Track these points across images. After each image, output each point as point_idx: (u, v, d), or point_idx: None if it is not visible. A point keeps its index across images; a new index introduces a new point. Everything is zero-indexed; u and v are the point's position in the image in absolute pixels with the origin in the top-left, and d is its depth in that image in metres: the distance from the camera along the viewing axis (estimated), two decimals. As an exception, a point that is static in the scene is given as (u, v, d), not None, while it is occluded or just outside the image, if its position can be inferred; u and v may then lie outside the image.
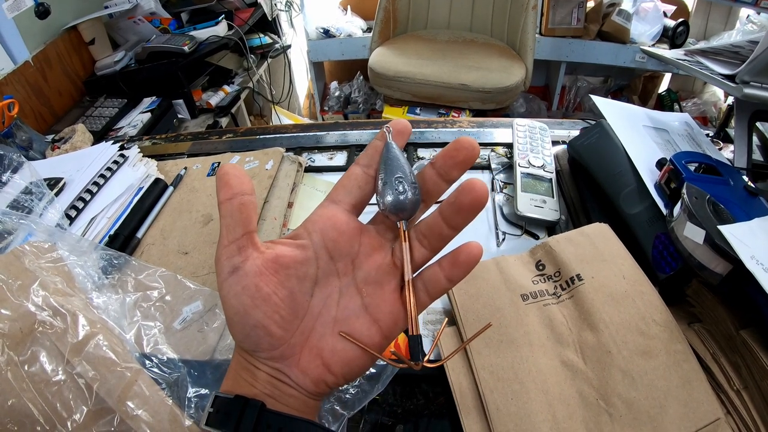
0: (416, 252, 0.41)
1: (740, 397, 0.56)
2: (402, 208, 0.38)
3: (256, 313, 0.36)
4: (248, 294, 0.36)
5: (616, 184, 0.80)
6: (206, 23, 2.16)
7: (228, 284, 0.36)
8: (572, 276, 0.67)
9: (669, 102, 2.95)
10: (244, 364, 0.38)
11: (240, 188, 0.37)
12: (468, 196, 0.37)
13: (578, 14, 2.72)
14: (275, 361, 0.38)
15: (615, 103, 0.93)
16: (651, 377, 0.57)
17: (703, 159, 0.77)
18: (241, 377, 0.38)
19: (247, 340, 0.37)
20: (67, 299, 0.61)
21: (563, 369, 0.60)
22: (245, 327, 0.36)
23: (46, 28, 1.85)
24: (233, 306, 0.36)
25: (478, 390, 0.59)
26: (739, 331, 0.58)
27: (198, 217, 0.87)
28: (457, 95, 2.15)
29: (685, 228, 0.62)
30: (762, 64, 0.73)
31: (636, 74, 3.06)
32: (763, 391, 0.55)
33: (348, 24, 2.98)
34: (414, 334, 0.38)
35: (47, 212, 0.85)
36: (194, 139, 1.12)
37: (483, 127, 1.07)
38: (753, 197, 0.71)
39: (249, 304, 0.36)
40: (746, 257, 0.55)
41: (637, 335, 0.60)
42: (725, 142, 0.98)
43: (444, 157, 0.40)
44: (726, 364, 0.59)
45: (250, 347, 0.38)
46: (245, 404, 0.36)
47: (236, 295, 0.36)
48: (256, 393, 0.37)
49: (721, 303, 0.61)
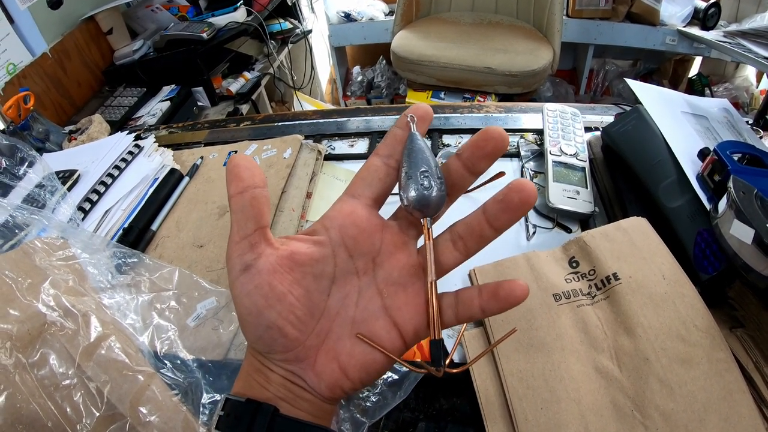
0: (447, 253, 0.38)
1: None
2: (426, 204, 0.36)
3: (270, 313, 0.34)
4: (261, 293, 0.34)
5: (654, 174, 0.75)
6: (225, 9, 2.13)
7: (240, 282, 0.35)
8: (608, 275, 0.63)
9: (700, 86, 2.87)
10: (257, 365, 0.37)
11: (251, 181, 0.35)
12: (518, 195, 0.35)
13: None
14: (289, 363, 0.36)
15: (651, 88, 0.88)
16: (691, 388, 0.53)
17: (748, 149, 0.72)
18: (253, 379, 0.37)
19: (260, 341, 0.36)
20: (79, 299, 0.58)
21: (597, 376, 0.57)
22: (258, 328, 0.35)
23: (63, 19, 1.85)
24: (246, 306, 0.34)
25: (506, 397, 0.56)
26: None
27: (214, 208, 0.84)
28: (482, 79, 2.10)
29: (731, 226, 0.58)
30: None
31: (666, 57, 2.98)
32: None
33: (369, 7, 2.94)
34: (436, 339, 0.36)
35: (60, 207, 0.83)
36: (211, 128, 1.09)
37: (511, 112, 1.02)
38: None
39: (262, 303, 0.34)
40: None
41: (677, 341, 0.56)
42: (765, 131, 0.92)
43: (471, 148, 0.37)
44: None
45: (264, 349, 0.36)
46: (257, 408, 0.35)
47: (248, 294, 0.34)
48: (268, 396, 0.36)
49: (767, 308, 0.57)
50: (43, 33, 1.76)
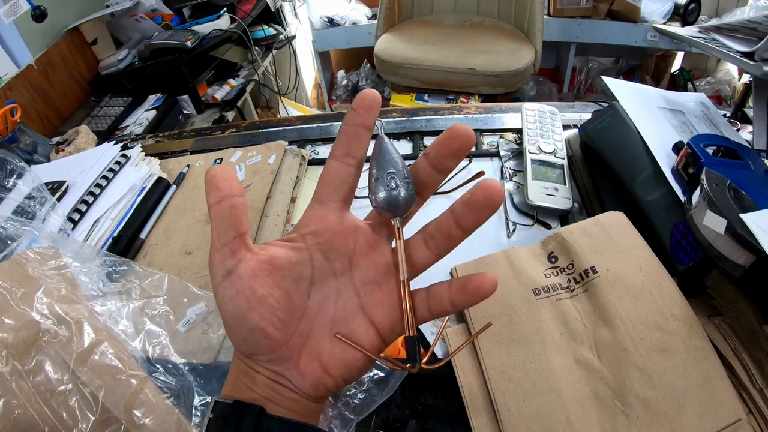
0: (420, 253, 0.39)
1: (763, 395, 0.54)
2: (395, 205, 0.37)
3: (253, 316, 0.35)
4: (243, 297, 0.35)
5: (631, 169, 0.77)
6: (208, 17, 2.14)
7: (222, 288, 0.35)
8: (586, 269, 0.65)
9: (682, 81, 2.90)
10: (243, 368, 0.38)
11: (229, 190, 0.36)
12: (483, 194, 0.36)
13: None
14: (274, 364, 0.37)
15: (628, 84, 0.90)
16: (670, 376, 0.55)
17: (721, 142, 0.74)
18: (240, 382, 0.38)
19: (245, 343, 0.37)
20: (72, 307, 0.60)
21: (577, 367, 0.58)
22: (242, 330, 0.36)
23: (48, 30, 1.85)
24: (229, 310, 0.35)
25: (488, 391, 0.57)
26: (763, 326, 0.55)
27: (201, 215, 0.85)
28: (465, 80, 2.12)
29: (705, 217, 0.59)
30: None
31: (648, 53, 3.01)
32: None
33: (352, 12, 2.96)
34: (410, 336, 0.37)
35: (50, 218, 0.84)
36: (197, 136, 1.10)
37: (491, 112, 1.04)
38: None
39: (245, 307, 0.35)
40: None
41: (655, 331, 0.58)
42: (743, 123, 0.94)
43: (438, 147, 0.38)
44: (748, 361, 0.56)
45: (249, 351, 0.37)
46: (244, 409, 0.36)
47: (231, 299, 0.35)
48: (255, 397, 0.37)
49: (744, 295, 0.58)
50: (28, 45, 1.77)
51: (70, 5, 1.98)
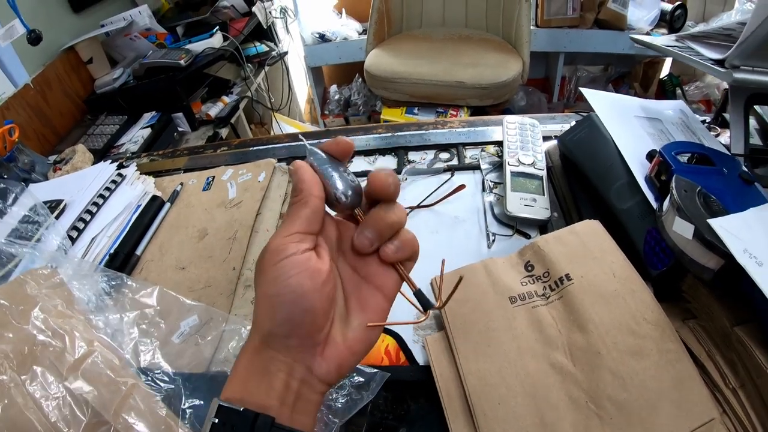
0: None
1: (736, 395, 0.55)
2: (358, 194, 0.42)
3: (314, 296, 0.37)
4: (308, 276, 0.37)
5: (606, 178, 0.79)
6: (201, 36, 2.18)
7: (286, 265, 0.37)
8: (561, 276, 0.67)
9: (671, 87, 2.93)
10: (262, 365, 0.38)
11: (309, 190, 0.41)
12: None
13: (573, 4, 2.72)
14: (305, 350, 0.38)
15: (605, 95, 0.91)
16: (642, 378, 0.56)
17: (694, 148, 0.76)
18: (252, 383, 0.38)
19: (288, 323, 0.37)
20: (66, 320, 0.63)
21: (552, 372, 0.60)
22: (297, 309, 0.37)
23: (44, 50, 1.88)
24: (290, 285, 0.37)
25: (466, 395, 0.59)
26: (734, 327, 0.56)
27: (194, 232, 0.88)
28: (453, 93, 2.15)
29: (673, 223, 0.61)
30: (752, 46, 0.71)
31: (636, 60, 3.05)
32: (759, 390, 0.53)
33: (343, 27, 3.00)
34: (416, 289, 0.42)
35: (49, 236, 0.87)
36: (190, 154, 1.14)
37: (474, 126, 1.07)
38: (748, 185, 0.68)
39: (309, 286, 0.37)
40: (738, 251, 0.54)
41: (627, 335, 0.59)
42: (723, 128, 0.96)
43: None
44: (721, 362, 0.57)
45: (289, 332, 0.38)
46: (255, 418, 0.36)
47: (295, 276, 0.37)
48: (267, 403, 0.37)
49: (717, 298, 0.60)
50: (24, 64, 1.79)
51: (65, 25, 2.02)
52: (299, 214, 0.40)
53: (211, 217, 0.90)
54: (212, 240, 0.85)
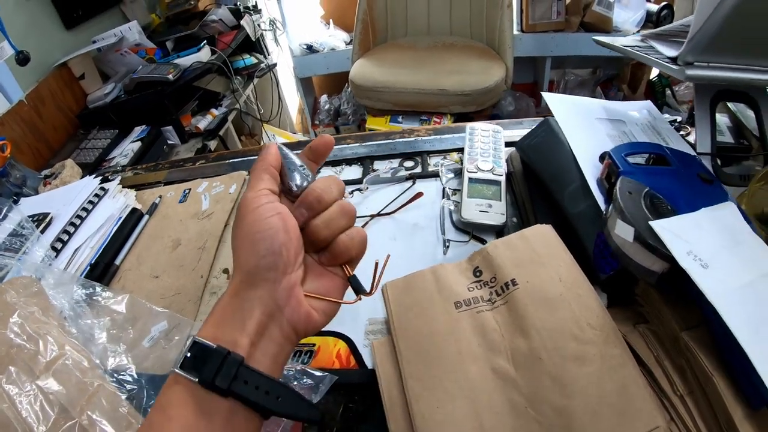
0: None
1: (684, 402, 0.54)
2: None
3: (284, 237, 0.43)
4: (281, 219, 0.44)
5: (560, 182, 0.78)
6: (190, 50, 2.23)
7: (265, 208, 0.44)
8: (507, 281, 0.66)
9: (660, 88, 2.92)
10: (239, 304, 0.43)
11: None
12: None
13: (558, 7, 2.72)
14: (280, 285, 0.43)
15: (567, 98, 0.90)
16: (583, 384, 0.55)
17: (648, 149, 0.75)
18: (226, 323, 0.42)
19: (271, 255, 0.43)
20: (42, 326, 0.68)
21: (493, 377, 0.59)
22: (275, 243, 0.43)
23: (37, 66, 1.93)
24: (270, 222, 0.43)
25: (406, 398, 0.59)
26: (682, 332, 0.55)
27: (168, 242, 0.93)
28: (437, 101, 2.18)
29: (616, 226, 0.59)
30: (702, 42, 0.70)
31: (624, 62, 3.04)
32: (708, 396, 0.52)
33: (330, 38, 3.04)
34: (350, 275, 0.48)
35: (34, 248, 0.92)
36: (171, 167, 1.18)
37: (440, 134, 1.11)
38: (708, 184, 0.67)
39: (281, 226, 0.43)
40: (681, 253, 0.53)
41: (570, 340, 0.58)
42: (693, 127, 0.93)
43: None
44: (670, 368, 0.56)
45: (270, 264, 0.43)
46: (226, 356, 0.40)
47: (272, 217, 0.43)
48: (240, 341, 0.41)
49: (667, 302, 0.59)
50: (18, 81, 1.84)
51: (58, 42, 2.08)
52: (263, 177, 0.46)
53: (184, 228, 0.94)
54: (184, 250, 0.89)
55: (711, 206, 0.60)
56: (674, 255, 0.53)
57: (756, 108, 0.83)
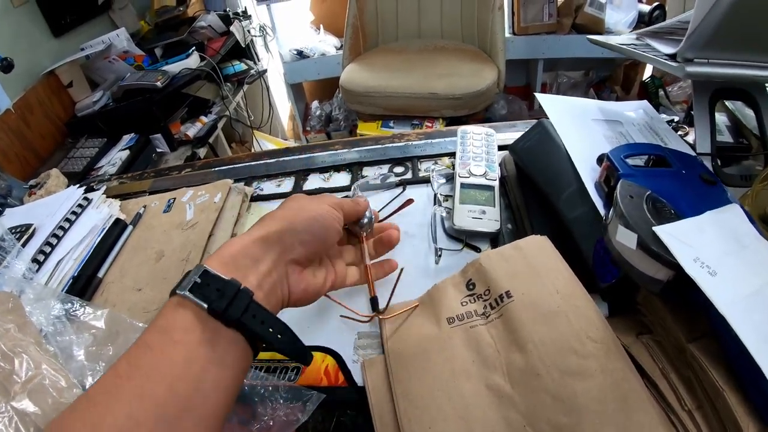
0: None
1: (692, 417, 0.51)
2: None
3: (335, 236, 0.58)
4: (336, 220, 0.58)
5: (556, 186, 0.76)
6: (178, 57, 2.22)
7: (331, 212, 0.57)
8: (501, 293, 0.64)
9: (654, 89, 2.92)
10: (260, 249, 0.48)
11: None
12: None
13: (549, 9, 2.74)
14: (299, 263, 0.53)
15: (561, 99, 0.89)
16: (584, 400, 0.52)
17: (647, 150, 0.72)
18: (241, 263, 0.46)
19: (316, 238, 0.55)
20: (17, 343, 0.65)
21: (488, 394, 0.57)
22: (327, 235, 0.56)
23: (24, 74, 1.92)
24: (327, 218, 0.56)
25: (397, 418, 0.57)
26: (689, 343, 0.52)
27: (152, 253, 0.90)
28: (428, 104, 2.17)
29: (617, 232, 0.57)
30: (702, 37, 0.68)
31: (617, 64, 3.06)
32: (718, 412, 0.49)
33: (321, 43, 3.03)
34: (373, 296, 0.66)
35: (14, 262, 0.89)
36: (156, 177, 1.15)
37: (431, 138, 1.08)
38: (711, 186, 0.64)
39: (337, 230, 0.58)
40: (687, 260, 0.50)
41: (569, 355, 0.55)
42: (692, 126, 0.89)
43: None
44: (677, 381, 0.53)
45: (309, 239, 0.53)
46: (239, 289, 0.43)
47: (333, 218, 0.57)
48: (249, 278, 0.46)
49: (672, 311, 0.56)
50: (6, 89, 1.82)
51: (46, 49, 2.06)
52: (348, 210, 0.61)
53: (168, 239, 0.91)
54: (167, 262, 0.87)
55: (715, 209, 0.58)
56: (680, 262, 0.50)
57: (755, 106, 0.81)
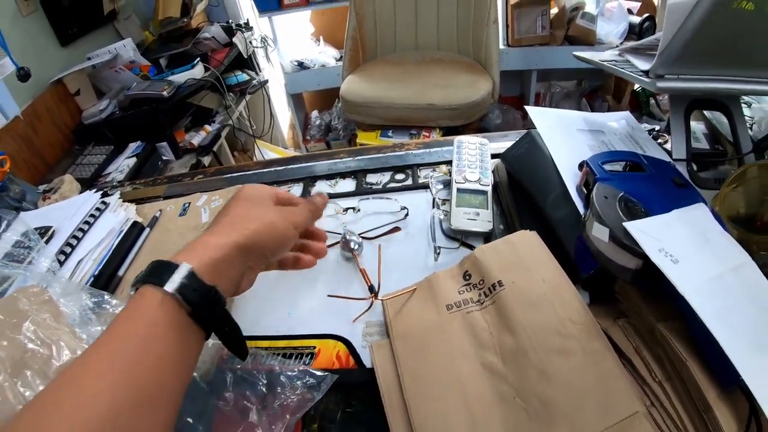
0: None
1: (663, 388, 0.58)
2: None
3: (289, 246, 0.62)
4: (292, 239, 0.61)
5: (543, 190, 0.83)
6: (183, 67, 2.27)
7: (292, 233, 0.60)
8: (494, 282, 0.71)
9: (644, 98, 3.00)
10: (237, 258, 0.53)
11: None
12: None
13: (542, 22, 2.80)
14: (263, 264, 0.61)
15: (549, 111, 0.95)
16: (567, 376, 0.59)
17: (623, 156, 0.80)
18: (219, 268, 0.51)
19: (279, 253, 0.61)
20: (54, 332, 0.71)
21: (483, 371, 0.64)
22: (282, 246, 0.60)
23: (33, 83, 1.95)
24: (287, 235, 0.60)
25: (402, 392, 0.63)
26: (658, 323, 0.59)
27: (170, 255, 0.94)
28: (425, 115, 2.23)
29: (593, 228, 0.65)
30: (671, 56, 0.74)
31: (608, 74, 3.06)
32: (685, 382, 0.56)
33: (321, 55, 3.10)
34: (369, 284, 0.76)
35: (39, 259, 0.95)
36: (170, 182, 1.21)
37: (429, 147, 1.15)
38: (681, 188, 0.71)
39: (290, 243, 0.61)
40: (653, 250, 0.57)
41: (554, 336, 0.63)
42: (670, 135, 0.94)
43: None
44: (648, 357, 0.60)
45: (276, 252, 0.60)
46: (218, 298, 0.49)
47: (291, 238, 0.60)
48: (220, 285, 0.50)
49: (644, 297, 0.63)
50: (15, 97, 1.86)
51: (53, 58, 2.11)
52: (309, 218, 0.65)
53: (185, 241, 0.94)
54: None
55: (682, 208, 0.65)
56: (646, 252, 0.58)
57: (729, 114, 0.88)
